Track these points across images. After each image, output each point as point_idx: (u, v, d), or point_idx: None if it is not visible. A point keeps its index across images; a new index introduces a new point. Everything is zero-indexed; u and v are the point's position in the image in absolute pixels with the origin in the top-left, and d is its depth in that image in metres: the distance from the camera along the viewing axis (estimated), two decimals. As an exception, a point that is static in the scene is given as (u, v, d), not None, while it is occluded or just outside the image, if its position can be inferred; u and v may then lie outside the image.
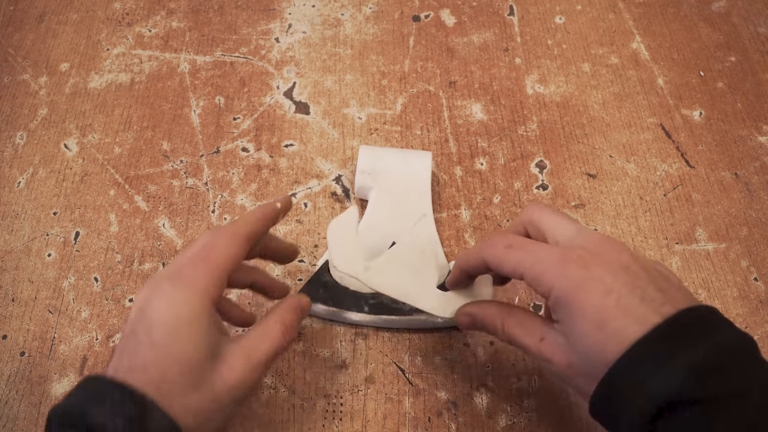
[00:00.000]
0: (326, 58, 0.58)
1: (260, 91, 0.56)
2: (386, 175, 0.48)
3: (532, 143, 0.53)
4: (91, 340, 0.45)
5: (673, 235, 0.49)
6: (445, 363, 0.44)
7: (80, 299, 0.46)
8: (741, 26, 0.59)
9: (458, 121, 0.54)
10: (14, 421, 0.42)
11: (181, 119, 0.55)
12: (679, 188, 0.51)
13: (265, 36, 0.59)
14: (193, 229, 0.49)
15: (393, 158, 0.49)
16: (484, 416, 0.42)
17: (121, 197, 0.51)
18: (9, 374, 0.44)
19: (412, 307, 0.41)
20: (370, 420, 0.42)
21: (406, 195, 0.47)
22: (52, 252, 0.48)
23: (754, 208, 0.50)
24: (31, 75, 0.57)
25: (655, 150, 0.53)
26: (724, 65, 0.57)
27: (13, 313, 0.46)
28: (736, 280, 0.47)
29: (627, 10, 0.61)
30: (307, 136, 0.54)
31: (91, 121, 0.55)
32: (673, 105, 0.55)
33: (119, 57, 0.58)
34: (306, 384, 0.43)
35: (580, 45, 0.59)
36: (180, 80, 0.57)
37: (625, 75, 0.57)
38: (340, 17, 0.61)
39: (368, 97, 0.56)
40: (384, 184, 0.47)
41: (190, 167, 0.52)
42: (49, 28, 0.60)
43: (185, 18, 0.61)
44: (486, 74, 0.57)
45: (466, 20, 0.60)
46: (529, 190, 0.51)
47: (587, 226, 0.41)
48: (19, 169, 0.52)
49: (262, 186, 0.51)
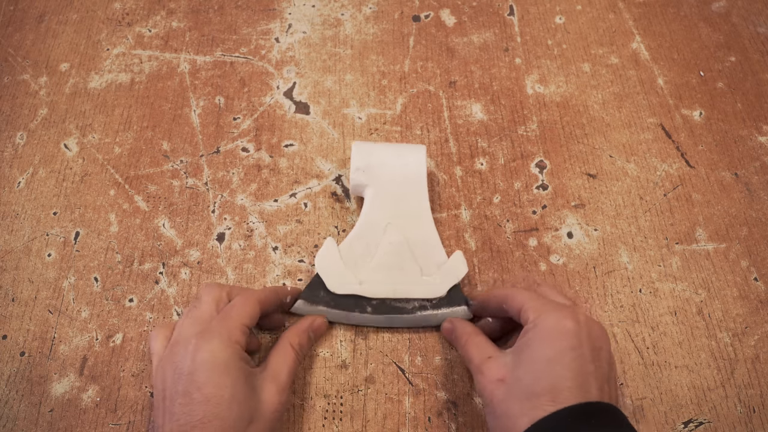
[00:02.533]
0: (326, 58, 0.58)
1: (260, 91, 0.56)
2: (381, 170, 0.47)
3: (532, 143, 0.53)
4: (91, 340, 0.45)
5: (673, 235, 0.49)
6: (445, 363, 0.44)
7: (80, 299, 0.46)
8: (741, 26, 0.59)
9: (458, 121, 0.54)
10: (14, 421, 0.42)
11: (181, 119, 0.55)
12: (679, 188, 0.51)
13: (265, 36, 0.59)
14: (193, 229, 0.49)
15: (387, 153, 0.48)
16: (484, 416, 0.42)
17: (121, 197, 0.51)
18: (9, 374, 0.44)
19: (415, 306, 0.44)
20: (370, 420, 0.42)
21: (402, 189, 0.47)
22: (52, 252, 0.48)
23: (754, 208, 0.50)
24: (31, 75, 0.57)
25: (655, 150, 0.53)
26: (724, 65, 0.57)
27: (13, 313, 0.46)
28: (736, 280, 0.47)
29: (627, 10, 0.61)
30: (307, 136, 0.54)
31: (91, 121, 0.55)
32: (673, 105, 0.55)
33: (119, 57, 0.58)
34: (306, 384, 0.43)
35: (580, 45, 0.59)
36: (180, 80, 0.57)
37: (625, 75, 0.57)
38: (340, 17, 0.61)
39: (368, 97, 0.56)
40: (379, 179, 0.47)
41: (190, 167, 0.52)
42: (49, 28, 0.60)
43: (185, 18, 0.61)
44: (486, 74, 0.57)
45: (466, 20, 0.60)
46: (529, 190, 0.51)
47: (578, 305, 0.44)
48: (19, 169, 0.52)
49: (262, 186, 0.51)
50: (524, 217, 0.50)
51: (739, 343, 0.45)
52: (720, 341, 0.45)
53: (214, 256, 0.48)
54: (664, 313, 0.46)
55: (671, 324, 0.45)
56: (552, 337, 0.35)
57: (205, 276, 0.47)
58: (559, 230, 0.49)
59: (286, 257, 0.48)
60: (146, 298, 0.46)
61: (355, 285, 0.44)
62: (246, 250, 0.48)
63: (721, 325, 0.45)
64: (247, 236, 0.49)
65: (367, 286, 0.44)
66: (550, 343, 0.35)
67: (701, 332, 0.45)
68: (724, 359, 0.44)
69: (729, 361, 0.44)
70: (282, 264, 0.48)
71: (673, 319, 0.46)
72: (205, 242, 0.49)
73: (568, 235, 0.49)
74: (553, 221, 0.50)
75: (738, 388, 0.43)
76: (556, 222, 0.49)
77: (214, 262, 0.48)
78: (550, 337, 0.36)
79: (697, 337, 0.45)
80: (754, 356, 0.44)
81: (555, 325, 0.36)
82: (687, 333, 0.45)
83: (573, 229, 0.49)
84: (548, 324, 0.36)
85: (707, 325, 0.45)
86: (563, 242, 0.49)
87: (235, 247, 0.48)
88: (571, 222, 0.49)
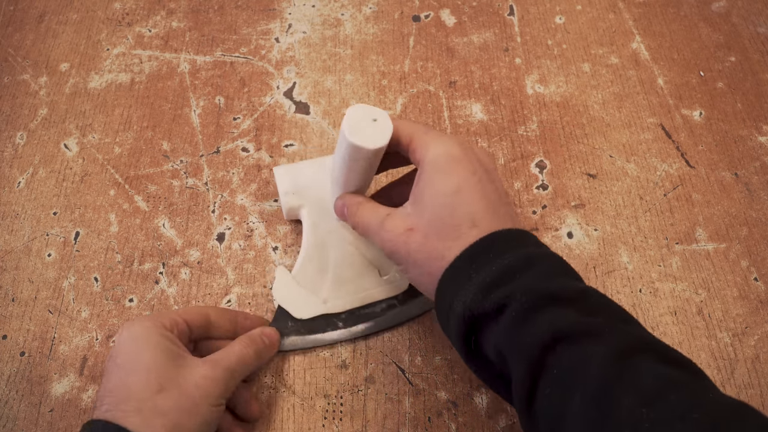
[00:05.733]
0: (326, 58, 0.58)
1: (260, 91, 0.56)
2: (310, 188, 0.46)
3: (532, 143, 0.53)
4: (91, 340, 0.45)
5: (673, 235, 0.49)
6: (445, 363, 0.44)
7: (80, 299, 0.46)
8: (741, 26, 0.59)
9: (458, 121, 0.54)
10: (14, 421, 0.42)
11: (181, 119, 0.55)
12: (679, 188, 0.51)
13: (265, 36, 0.59)
14: (193, 229, 0.49)
15: (311, 170, 0.47)
16: (484, 416, 0.42)
17: (121, 197, 0.51)
18: (9, 374, 0.44)
19: (384, 307, 0.45)
20: (370, 420, 0.42)
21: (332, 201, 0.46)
22: (52, 252, 0.48)
23: (754, 208, 0.50)
24: (31, 75, 0.57)
25: (655, 150, 0.53)
26: (724, 65, 0.57)
27: (13, 313, 0.46)
28: (736, 280, 0.47)
29: (627, 10, 0.61)
30: (307, 136, 0.54)
31: (91, 121, 0.55)
32: (673, 105, 0.55)
33: (119, 57, 0.58)
34: (306, 384, 0.43)
35: (580, 45, 0.59)
36: (180, 80, 0.57)
37: (625, 75, 0.57)
38: (340, 17, 0.61)
39: (368, 97, 0.56)
40: (311, 198, 0.46)
41: (190, 167, 0.52)
42: (49, 28, 0.60)
43: (185, 18, 0.61)
44: (486, 74, 0.57)
45: (466, 20, 0.60)
46: (529, 190, 0.51)
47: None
48: (19, 169, 0.52)
49: (262, 186, 0.51)
50: (524, 217, 0.50)
51: (739, 343, 0.45)
52: (720, 341, 0.45)
53: (214, 256, 0.48)
54: (664, 313, 0.46)
55: (671, 324, 0.45)
56: (448, 170, 0.34)
57: (205, 276, 0.47)
58: (559, 230, 0.49)
59: (286, 257, 0.48)
60: (146, 298, 0.46)
61: (319, 305, 0.44)
62: (246, 250, 0.48)
63: (721, 325, 0.45)
64: (247, 236, 0.49)
65: (331, 303, 0.44)
66: (448, 175, 0.34)
67: (701, 332, 0.45)
68: (724, 359, 0.44)
69: (729, 361, 0.44)
70: (282, 264, 0.48)
71: (673, 319, 0.46)
72: (205, 242, 0.49)
73: (568, 235, 0.49)
74: (553, 221, 0.50)
75: (738, 388, 0.43)
76: (556, 222, 0.49)
77: (214, 262, 0.48)
78: (446, 170, 0.34)
79: (697, 337, 0.45)
80: (754, 356, 0.44)
81: (446, 156, 0.35)
82: (687, 333, 0.45)
83: (573, 229, 0.49)
84: (439, 157, 0.35)
85: (707, 325, 0.45)
86: (563, 242, 0.49)
87: (235, 247, 0.48)
88: (571, 222, 0.49)
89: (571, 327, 0.29)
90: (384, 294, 0.45)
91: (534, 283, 0.31)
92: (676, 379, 0.26)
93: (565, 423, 0.27)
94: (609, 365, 0.27)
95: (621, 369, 0.27)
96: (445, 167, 0.35)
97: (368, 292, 0.45)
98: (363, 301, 0.45)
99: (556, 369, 0.28)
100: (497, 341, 0.30)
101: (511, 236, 0.33)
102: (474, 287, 0.31)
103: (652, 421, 0.25)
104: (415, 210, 0.35)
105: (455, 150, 0.35)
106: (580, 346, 0.28)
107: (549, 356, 0.29)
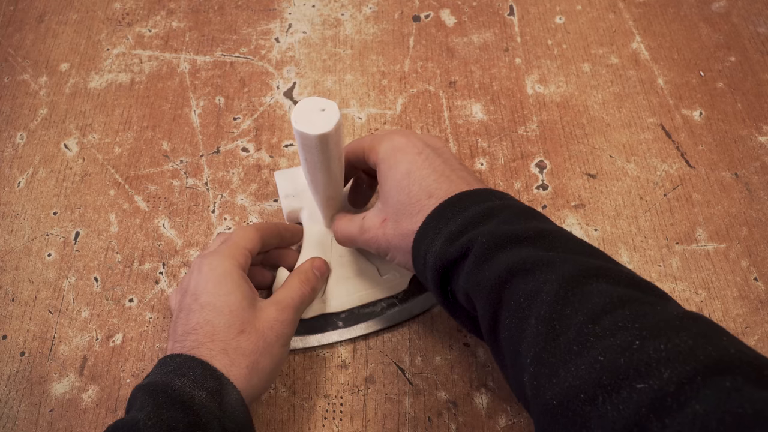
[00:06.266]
0: (326, 58, 0.58)
1: (260, 91, 0.56)
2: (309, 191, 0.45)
3: (532, 143, 0.53)
4: (91, 340, 0.45)
5: (673, 235, 0.49)
6: (445, 363, 0.44)
7: (80, 299, 0.46)
8: (741, 26, 0.59)
9: (458, 121, 0.54)
10: (14, 421, 0.42)
11: (181, 119, 0.55)
12: (679, 188, 0.51)
13: (265, 36, 0.59)
14: (193, 229, 0.49)
15: None
16: (484, 416, 0.42)
17: (121, 197, 0.51)
18: (9, 374, 0.44)
19: (383, 306, 0.45)
20: (370, 420, 0.42)
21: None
22: (52, 252, 0.48)
23: (754, 208, 0.50)
24: (31, 75, 0.57)
25: (655, 150, 0.53)
26: (724, 65, 0.57)
27: (13, 313, 0.46)
28: (736, 280, 0.47)
29: (627, 10, 0.61)
30: (307, 136, 0.54)
31: (91, 121, 0.55)
32: (673, 105, 0.55)
33: (119, 57, 0.58)
34: (306, 384, 0.43)
35: (580, 45, 0.59)
36: (180, 80, 0.57)
37: (625, 75, 0.57)
38: (340, 17, 0.61)
39: (368, 97, 0.56)
40: (310, 199, 0.46)
41: (190, 167, 0.52)
42: (49, 28, 0.60)
43: (185, 18, 0.61)
44: (486, 74, 0.57)
45: (466, 20, 0.60)
46: (529, 190, 0.51)
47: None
48: (19, 169, 0.52)
49: (262, 186, 0.51)
50: (524, 217, 0.50)
51: (739, 343, 0.45)
52: (720, 341, 0.45)
53: (214, 256, 0.48)
54: (664, 313, 0.46)
55: (671, 324, 0.45)
56: (396, 159, 0.37)
57: (205, 276, 0.47)
58: (559, 230, 0.49)
59: (286, 257, 0.48)
60: (146, 298, 0.46)
61: (319, 305, 0.44)
62: (246, 250, 0.48)
63: (721, 325, 0.45)
64: (247, 236, 0.49)
65: (331, 302, 0.45)
66: (398, 163, 0.37)
67: (701, 332, 0.45)
68: (724, 359, 0.44)
69: (729, 361, 0.44)
70: (282, 264, 0.48)
71: (673, 319, 0.46)
72: (205, 242, 0.49)
73: (568, 235, 0.49)
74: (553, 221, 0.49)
75: (738, 388, 0.43)
76: (556, 222, 0.49)
77: (214, 262, 0.48)
78: (394, 160, 0.37)
79: (697, 337, 0.45)
80: (754, 356, 0.44)
81: (392, 149, 0.38)
82: (687, 333, 0.45)
83: (573, 229, 0.49)
84: (386, 152, 0.38)
85: (707, 325, 0.45)
86: (563, 242, 0.49)
87: (235, 247, 0.48)
88: (571, 222, 0.49)
89: (526, 260, 0.30)
90: (384, 293, 0.45)
91: (495, 228, 0.32)
92: (625, 297, 0.27)
93: (522, 346, 0.29)
94: (562, 289, 0.28)
95: (573, 292, 0.28)
96: (393, 158, 0.38)
97: (368, 291, 0.45)
98: (363, 300, 0.45)
99: (513, 300, 0.30)
100: (464, 284, 0.32)
101: (473, 194, 0.35)
102: (442, 237, 0.34)
103: (596, 334, 0.26)
104: (383, 204, 0.38)
105: (398, 141, 0.38)
106: (534, 275, 0.29)
107: (506, 289, 0.30)
